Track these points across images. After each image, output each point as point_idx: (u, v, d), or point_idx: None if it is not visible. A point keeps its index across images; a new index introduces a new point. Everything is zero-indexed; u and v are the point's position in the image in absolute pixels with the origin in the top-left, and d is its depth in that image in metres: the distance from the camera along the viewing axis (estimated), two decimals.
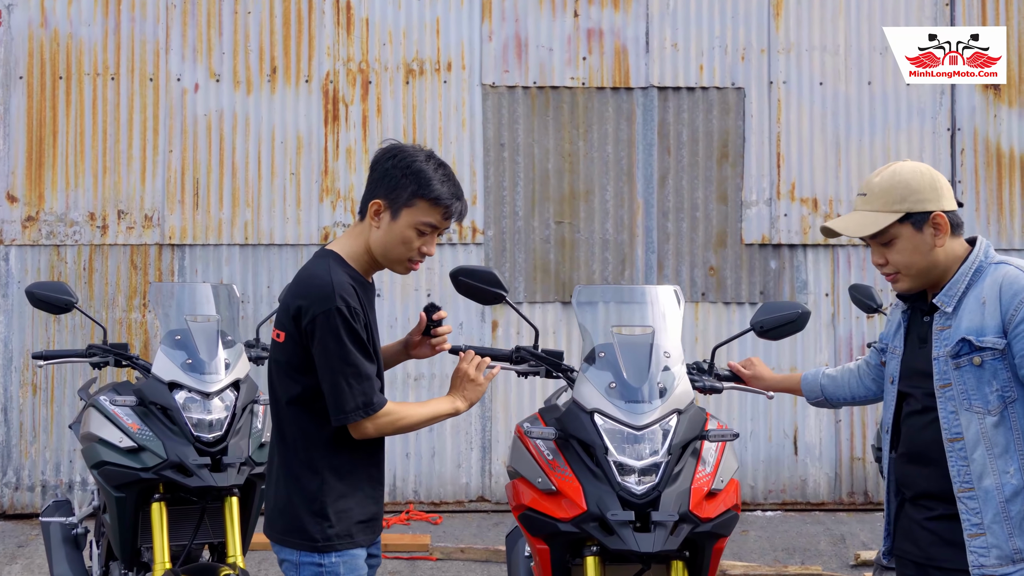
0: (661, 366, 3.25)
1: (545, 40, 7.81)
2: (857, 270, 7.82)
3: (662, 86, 7.82)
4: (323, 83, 7.74)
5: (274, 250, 7.71)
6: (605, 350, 3.28)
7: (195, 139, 7.71)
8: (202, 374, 4.19)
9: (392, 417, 3.07)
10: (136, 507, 4.17)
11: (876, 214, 2.97)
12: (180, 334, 4.26)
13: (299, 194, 7.72)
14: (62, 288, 4.54)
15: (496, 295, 3.30)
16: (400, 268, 3.13)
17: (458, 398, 3.21)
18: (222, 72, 7.73)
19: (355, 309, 2.98)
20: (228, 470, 4.08)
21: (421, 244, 3.07)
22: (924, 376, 3.02)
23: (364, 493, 3.13)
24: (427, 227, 3.04)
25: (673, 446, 3.15)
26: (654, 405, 3.17)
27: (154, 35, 7.71)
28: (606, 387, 3.21)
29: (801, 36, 7.87)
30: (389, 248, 3.07)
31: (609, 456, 3.15)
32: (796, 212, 7.81)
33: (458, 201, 3.07)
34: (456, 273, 3.36)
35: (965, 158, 7.89)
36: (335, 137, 7.74)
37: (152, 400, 4.17)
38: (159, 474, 4.08)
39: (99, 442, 4.22)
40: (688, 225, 7.81)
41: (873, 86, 7.85)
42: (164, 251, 7.67)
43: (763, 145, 7.82)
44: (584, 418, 3.21)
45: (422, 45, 7.79)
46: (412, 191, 3.02)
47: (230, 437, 4.17)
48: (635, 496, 3.10)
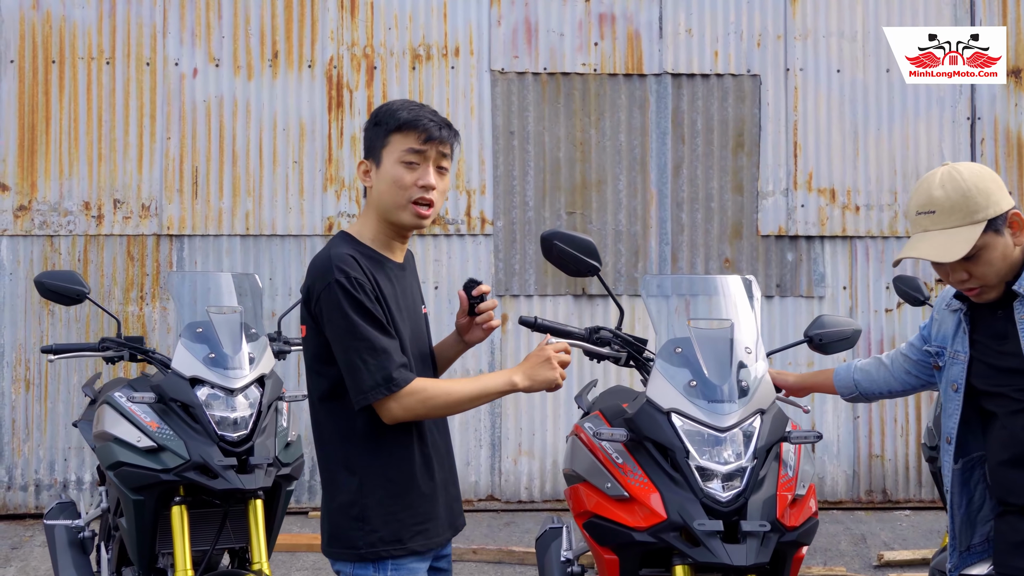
0: (742, 363, 3.02)
1: (556, 25, 7.57)
2: (876, 263, 7.63)
3: (676, 73, 7.60)
4: (327, 68, 7.48)
5: (276, 241, 7.44)
6: (682, 345, 3.04)
7: (194, 126, 7.43)
8: (226, 369, 3.93)
9: (423, 395, 2.74)
10: (155, 510, 3.91)
11: (957, 231, 2.76)
12: (202, 326, 3.99)
13: (302, 183, 7.46)
14: (73, 278, 4.26)
15: (590, 266, 2.99)
16: (407, 216, 2.84)
17: (518, 373, 2.82)
18: (222, 56, 7.45)
19: (357, 279, 2.73)
20: (255, 471, 3.83)
21: (415, 178, 2.81)
22: (1014, 373, 2.82)
23: (414, 491, 2.83)
24: (410, 154, 2.80)
25: (758, 449, 2.93)
26: (737, 405, 2.94)
27: (151, 18, 7.42)
28: (684, 385, 2.98)
29: (818, 22, 7.66)
30: (386, 198, 2.83)
31: (690, 460, 2.91)
32: (813, 203, 7.61)
33: (430, 120, 2.81)
34: (550, 236, 3.01)
35: (985, 148, 7.72)
36: (339, 124, 7.48)
37: (172, 397, 3.90)
38: (181, 476, 3.82)
39: (115, 441, 3.96)
40: (703, 216, 7.60)
41: (892, 73, 7.65)
42: (162, 242, 7.39)
43: (779, 134, 7.62)
44: (660, 418, 2.97)
45: (429, 29, 7.54)
46: (383, 131, 2.84)
47: (256, 436, 3.91)
48: (720, 504, 2.87)
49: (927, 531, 7.19)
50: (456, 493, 3.01)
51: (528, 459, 7.49)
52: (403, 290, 2.90)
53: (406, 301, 2.90)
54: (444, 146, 2.84)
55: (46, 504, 7.25)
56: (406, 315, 2.88)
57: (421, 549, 2.83)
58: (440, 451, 2.93)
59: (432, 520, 2.86)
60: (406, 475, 2.82)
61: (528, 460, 7.49)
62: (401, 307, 2.86)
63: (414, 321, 2.92)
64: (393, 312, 2.81)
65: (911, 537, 7.04)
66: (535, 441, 7.50)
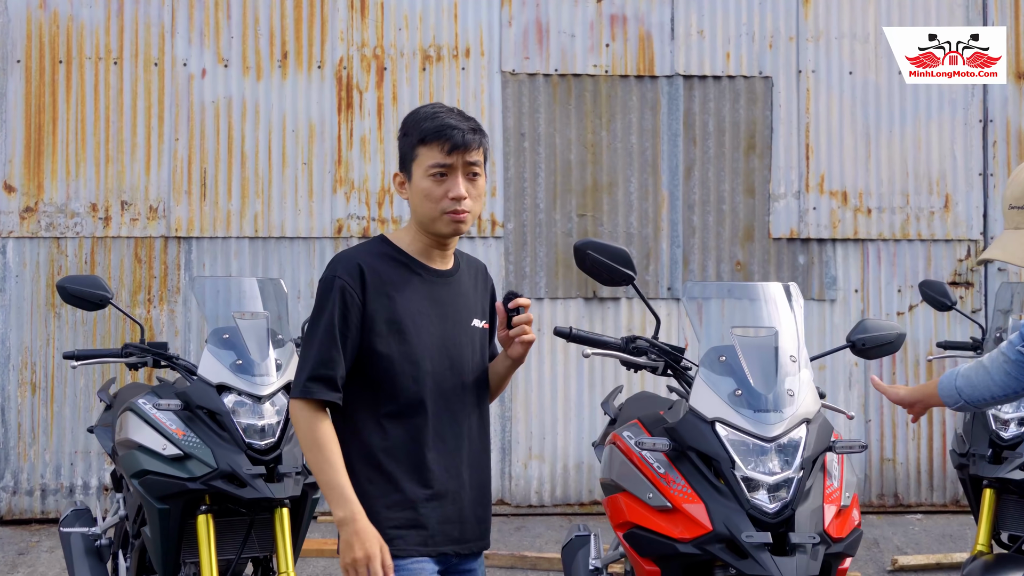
0: (787, 371, 2.97)
1: (567, 26, 7.52)
2: (888, 266, 7.60)
3: (688, 74, 7.56)
4: (336, 69, 7.42)
5: (285, 243, 7.38)
6: (726, 353, 3.00)
7: (202, 127, 7.36)
8: (253, 376, 3.88)
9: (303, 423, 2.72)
10: (181, 519, 3.86)
11: None
12: (228, 332, 3.94)
13: (311, 185, 7.40)
14: (96, 282, 4.20)
15: (625, 275, 2.94)
16: (443, 226, 2.80)
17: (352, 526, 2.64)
18: (230, 57, 7.39)
19: (348, 286, 2.74)
20: (284, 480, 3.79)
21: (444, 191, 2.76)
22: None
23: (404, 490, 2.74)
24: (436, 168, 2.76)
25: (805, 460, 2.88)
26: (784, 415, 2.90)
27: (159, 18, 7.35)
28: (730, 394, 2.94)
29: (830, 24, 7.63)
30: (421, 211, 2.81)
31: (736, 470, 2.87)
32: (825, 205, 7.58)
33: (454, 129, 2.76)
34: (583, 246, 2.95)
35: (997, 150, 7.69)
36: (349, 125, 7.42)
37: (199, 404, 3.85)
38: (208, 484, 3.77)
39: (139, 449, 3.91)
40: (714, 218, 7.56)
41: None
42: (170, 244, 7.33)
43: (791, 136, 7.59)
44: (705, 428, 2.93)
45: (439, 30, 7.48)
46: (410, 144, 2.81)
47: (283, 444, 3.86)
48: (767, 515, 2.83)
49: (940, 535, 7.16)
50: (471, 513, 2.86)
51: (539, 463, 7.44)
52: (438, 298, 2.85)
53: (440, 309, 2.85)
54: (471, 153, 2.79)
55: (52, 509, 7.18)
56: (435, 323, 2.82)
57: (423, 551, 2.76)
58: (456, 462, 2.83)
59: (427, 522, 2.76)
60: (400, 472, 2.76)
61: (539, 464, 7.44)
62: (424, 313, 2.81)
63: (451, 331, 2.86)
64: (402, 316, 2.77)
65: (924, 541, 7.01)
66: (545, 445, 7.45)
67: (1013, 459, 4.15)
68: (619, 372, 7.38)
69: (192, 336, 7.27)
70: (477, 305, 2.96)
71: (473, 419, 2.87)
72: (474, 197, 2.82)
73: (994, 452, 4.24)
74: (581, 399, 7.47)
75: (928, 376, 7.57)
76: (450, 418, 2.81)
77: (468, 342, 2.89)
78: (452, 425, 2.82)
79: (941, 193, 7.64)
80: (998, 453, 4.23)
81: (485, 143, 2.87)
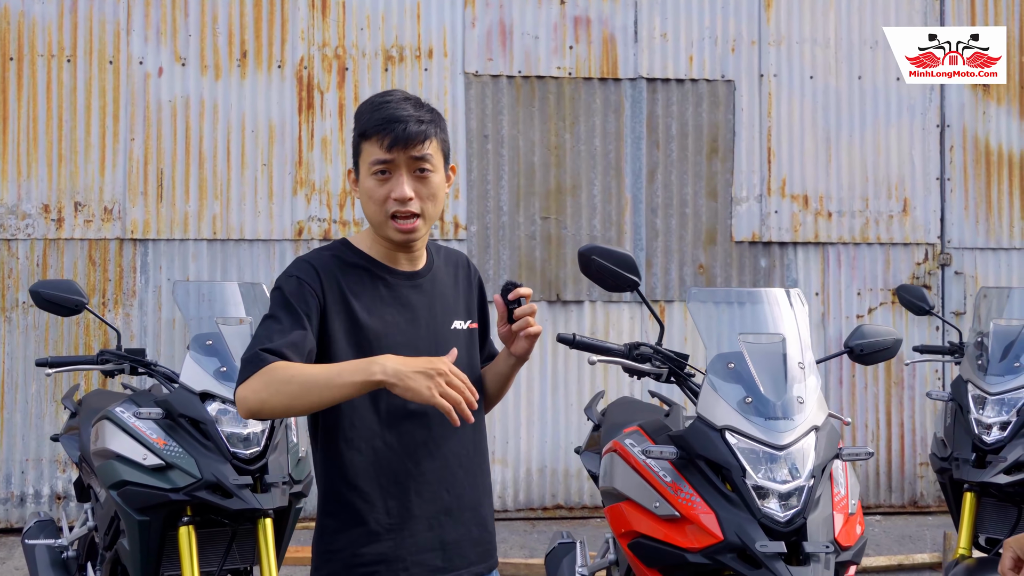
0: (796, 378, 2.95)
1: (531, 27, 7.48)
2: (847, 269, 7.66)
3: (651, 77, 7.55)
4: (297, 69, 7.30)
5: (244, 246, 7.24)
6: (734, 360, 2.96)
7: (159, 126, 7.20)
8: None
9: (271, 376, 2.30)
10: (162, 531, 3.74)
11: None
12: (211, 339, 3.82)
13: (271, 186, 7.26)
14: (71, 287, 4.06)
15: (630, 281, 2.85)
16: (391, 231, 2.49)
17: (390, 363, 2.28)
18: (188, 55, 7.23)
19: (300, 280, 2.43)
20: (272, 490, 3.68)
21: (388, 191, 2.45)
22: None
23: (368, 521, 2.45)
24: (376, 165, 2.46)
25: (815, 467, 2.86)
26: (795, 422, 2.87)
27: (114, 14, 7.18)
28: (739, 402, 2.90)
29: (792, 28, 7.67)
30: (367, 213, 2.51)
31: (747, 479, 2.83)
32: (787, 209, 7.61)
33: (395, 122, 2.44)
34: (588, 252, 2.82)
35: (954, 155, 7.78)
36: (309, 126, 7.30)
37: (182, 413, 3.73)
38: (192, 495, 3.66)
39: (117, 459, 3.78)
40: (677, 222, 7.55)
41: (864, 81, 7.69)
42: (125, 246, 7.15)
43: (753, 140, 7.61)
44: (714, 436, 2.89)
45: (402, 30, 7.39)
46: (357, 138, 2.53)
47: (269, 453, 3.76)
48: (779, 524, 2.80)
49: (900, 536, 7.22)
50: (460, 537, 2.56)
51: (502, 467, 7.38)
52: (408, 303, 2.55)
53: (410, 314, 2.55)
54: (415, 147, 2.45)
55: (2, 519, 6.98)
56: (403, 330, 2.53)
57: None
58: (433, 481, 2.52)
59: (384, 564, 2.45)
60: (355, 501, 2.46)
61: (502, 469, 7.38)
62: (390, 322, 2.51)
63: (425, 338, 2.55)
64: (363, 327, 2.47)
65: (884, 543, 7.07)
66: (508, 449, 7.39)
67: (997, 463, 4.18)
68: (582, 375, 7.36)
69: (148, 340, 7.10)
70: (459, 304, 2.68)
71: (462, 432, 2.52)
72: (425, 197, 2.49)
73: (978, 456, 4.26)
74: (545, 403, 7.42)
75: (892, 379, 7.64)
76: (425, 435, 2.50)
77: (448, 348, 2.52)
78: (428, 444, 2.51)
79: (900, 197, 7.72)
80: (982, 457, 4.26)
81: (439, 135, 2.53)
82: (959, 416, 4.41)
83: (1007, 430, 4.24)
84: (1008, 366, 4.30)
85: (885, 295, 7.67)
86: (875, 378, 7.65)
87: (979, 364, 4.40)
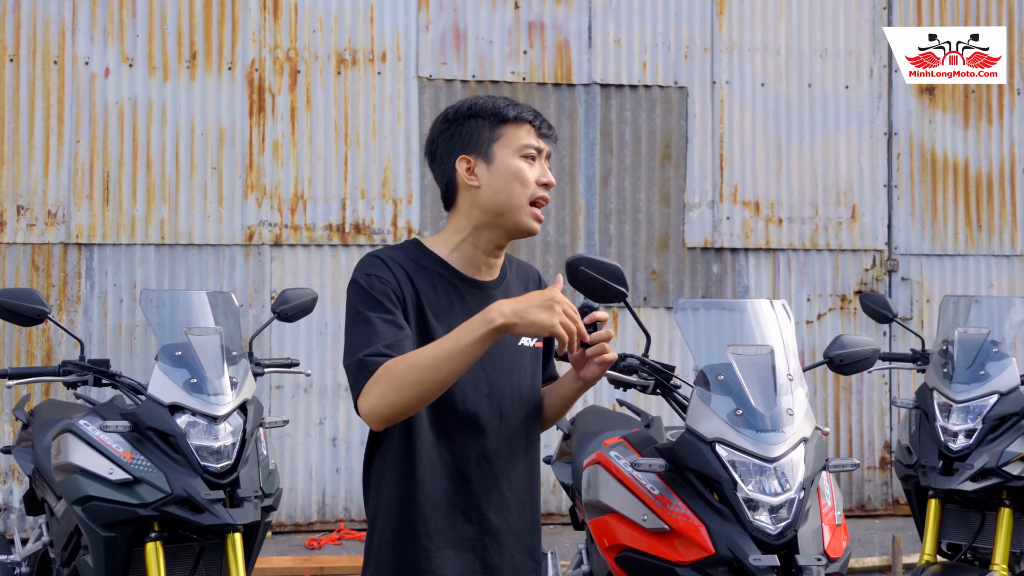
0: (785, 390, 2.94)
1: (485, 32, 7.43)
2: (797, 275, 7.72)
3: (605, 83, 7.55)
4: (248, 71, 7.18)
5: (193, 250, 7.10)
6: (723, 372, 2.95)
7: (105, 128, 7.03)
8: (208, 395, 3.67)
9: (388, 374, 2.26)
10: (128, 548, 3.64)
11: None
12: (180, 349, 3.72)
13: (221, 190, 7.14)
14: (33, 296, 3.92)
15: (617, 292, 2.83)
16: (527, 217, 2.47)
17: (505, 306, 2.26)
18: (136, 56, 7.08)
19: (377, 276, 2.38)
20: (244, 504, 3.59)
21: (537, 174, 2.48)
22: None
23: (417, 536, 2.40)
24: (528, 148, 2.48)
25: (805, 479, 2.85)
26: (785, 434, 2.86)
27: (59, 14, 7.00)
28: (729, 414, 2.89)
29: (744, 35, 7.72)
30: (507, 193, 2.46)
31: (738, 492, 2.82)
32: (739, 215, 7.65)
33: (540, 115, 2.53)
34: (576, 262, 2.73)
35: (901, 163, 7.88)
36: (260, 129, 7.19)
37: (150, 425, 3.63)
38: (161, 510, 3.56)
39: (82, 473, 3.66)
40: (631, 228, 7.56)
41: (814, 88, 7.76)
42: (70, 251, 6.98)
43: (706, 146, 7.64)
44: (705, 449, 2.88)
45: (355, 33, 7.31)
46: (490, 123, 2.48)
47: (240, 466, 3.67)
48: (771, 537, 2.79)
49: (852, 540, 7.29)
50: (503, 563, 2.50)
51: None
52: (475, 312, 2.38)
53: (452, 313, 2.47)
54: (552, 142, 2.56)
55: None
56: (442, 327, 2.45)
57: None
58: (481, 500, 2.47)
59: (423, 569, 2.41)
60: (405, 508, 2.42)
61: None
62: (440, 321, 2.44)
63: (492, 353, 2.44)
64: (432, 324, 2.42)
65: None
66: None
67: (963, 471, 4.22)
68: None
69: (94, 347, 6.93)
70: None
71: (515, 453, 2.51)
72: None
73: (944, 464, 4.30)
74: None
75: (841, 384, 7.71)
76: (480, 454, 2.46)
77: (514, 365, 2.52)
78: (482, 462, 2.47)
79: (848, 204, 7.80)
80: (948, 465, 4.30)
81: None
82: (924, 424, 4.45)
83: (972, 437, 4.29)
84: (973, 374, 4.34)
85: (834, 301, 7.75)
86: (824, 383, 7.72)
87: (944, 372, 4.45)
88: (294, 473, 7.14)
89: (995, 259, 7.97)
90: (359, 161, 7.26)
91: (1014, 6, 8.01)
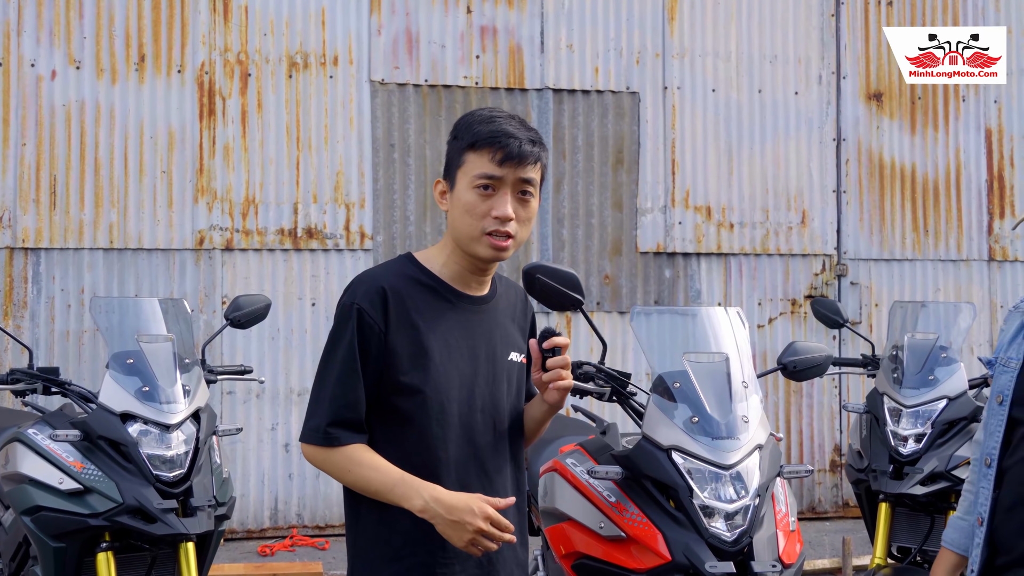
0: (740, 397, 2.96)
1: (437, 36, 7.42)
2: (749, 279, 7.78)
3: (557, 88, 7.56)
4: (198, 74, 7.11)
5: (143, 255, 7.02)
6: (679, 379, 2.96)
7: (52, 131, 6.93)
8: (160, 403, 3.63)
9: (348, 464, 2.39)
10: (79, 558, 3.58)
11: None
12: (132, 357, 3.67)
13: (171, 194, 7.06)
14: None
15: (574, 300, 2.81)
16: (482, 249, 2.44)
17: (440, 508, 2.32)
18: (83, 58, 6.98)
19: (368, 314, 2.39)
20: (198, 513, 3.55)
21: (489, 207, 2.40)
22: None
23: (418, 552, 2.40)
24: (482, 179, 2.40)
25: (760, 487, 2.87)
26: (740, 441, 2.88)
27: (3, 15, 6.89)
28: (685, 421, 2.90)
29: (695, 41, 7.77)
30: (459, 226, 2.45)
31: (694, 499, 2.83)
32: (690, 220, 7.70)
33: (511, 137, 2.40)
34: (532, 270, 2.74)
35: (850, 168, 7.97)
36: (211, 133, 7.12)
37: (101, 434, 3.58)
38: (112, 520, 3.51)
39: (31, 483, 3.62)
40: (584, 232, 7.58)
41: (763, 94, 7.83)
42: (16, 255, 6.87)
43: (658, 151, 7.68)
44: (661, 456, 2.89)
45: (306, 37, 7.26)
46: (459, 148, 2.46)
47: (193, 475, 3.63)
48: (726, 544, 2.81)
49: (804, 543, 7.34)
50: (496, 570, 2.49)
51: None
52: (472, 330, 2.52)
53: (472, 342, 2.51)
54: (525, 168, 2.42)
55: None
56: (465, 358, 2.49)
57: None
58: None
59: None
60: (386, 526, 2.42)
61: None
62: (454, 347, 2.48)
63: (485, 368, 2.52)
64: (428, 350, 2.43)
65: None
66: None
67: (913, 475, 4.27)
68: None
69: (41, 353, 6.83)
70: (516, 336, 2.62)
71: (506, 467, 2.52)
72: (522, 221, 2.47)
73: (895, 468, 4.36)
74: None
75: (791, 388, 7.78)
76: (478, 467, 2.48)
77: (504, 380, 2.54)
78: (479, 475, 2.48)
79: (798, 209, 7.88)
80: (898, 469, 4.35)
81: (544, 160, 2.50)
82: (875, 428, 4.50)
83: (922, 442, 4.35)
84: (923, 379, 4.40)
85: (785, 305, 7.82)
86: (775, 387, 7.78)
87: (894, 377, 4.50)
88: (246, 479, 7.07)
89: (941, 264, 8.09)
90: (311, 165, 7.22)
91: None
